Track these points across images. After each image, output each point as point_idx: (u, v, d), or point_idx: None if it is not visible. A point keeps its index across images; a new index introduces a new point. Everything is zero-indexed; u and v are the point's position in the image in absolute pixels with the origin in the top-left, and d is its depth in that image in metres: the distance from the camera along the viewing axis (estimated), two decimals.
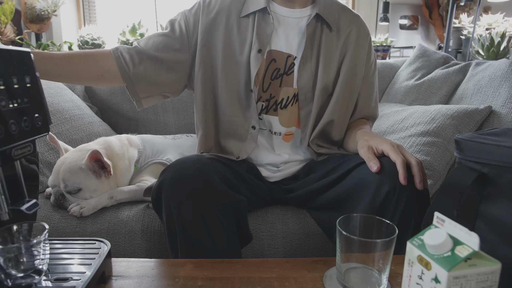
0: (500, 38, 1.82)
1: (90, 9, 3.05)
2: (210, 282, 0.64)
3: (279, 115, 1.00)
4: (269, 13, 0.97)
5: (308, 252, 0.99)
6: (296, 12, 0.99)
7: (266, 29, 0.97)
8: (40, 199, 1.15)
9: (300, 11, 0.99)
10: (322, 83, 0.98)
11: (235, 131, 1.01)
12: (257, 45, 0.95)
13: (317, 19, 0.99)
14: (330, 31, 0.99)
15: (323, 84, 0.98)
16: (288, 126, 1.02)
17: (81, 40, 2.21)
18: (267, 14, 0.97)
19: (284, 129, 1.02)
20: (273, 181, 1.06)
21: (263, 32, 0.97)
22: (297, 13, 0.99)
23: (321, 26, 0.99)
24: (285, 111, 1.00)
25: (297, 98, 0.99)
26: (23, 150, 0.55)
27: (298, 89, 0.98)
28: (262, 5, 0.97)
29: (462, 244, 0.45)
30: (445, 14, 3.71)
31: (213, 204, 0.78)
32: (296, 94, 0.99)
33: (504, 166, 0.58)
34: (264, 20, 0.97)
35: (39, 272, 0.55)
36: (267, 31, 0.97)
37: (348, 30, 1.00)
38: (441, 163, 1.21)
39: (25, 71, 0.55)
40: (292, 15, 0.99)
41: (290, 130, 1.02)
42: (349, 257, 0.60)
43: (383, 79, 1.79)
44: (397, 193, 0.77)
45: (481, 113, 1.28)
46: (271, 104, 1.00)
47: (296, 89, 0.99)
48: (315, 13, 0.97)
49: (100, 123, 1.54)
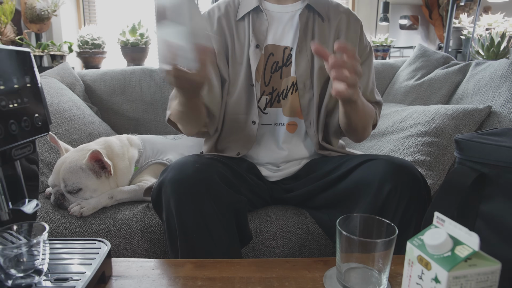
0: (500, 38, 1.82)
1: (90, 9, 3.05)
2: (210, 282, 0.64)
3: (283, 105, 1.03)
4: (262, 11, 1.02)
5: (308, 252, 0.99)
6: (288, 7, 1.03)
7: (261, 26, 1.01)
8: (40, 199, 1.15)
9: (292, 5, 1.03)
10: (319, 68, 1.00)
11: (237, 127, 1.02)
12: (255, 41, 1.00)
13: (309, 10, 1.03)
14: (322, 21, 1.03)
15: (320, 69, 1.00)
16: (290, 116, 1.03)
17: (81, 40, 2.21)
18: (261, 12, 1.02)
19: (287, 118, 1.03)
20: (273, 180, 1.06)
21: (258, 29, 1.01)
22: (289, 8, 1.03)
23: (313, 16, 1.03)
24: (286, 100, 1.02)
25: (297, 87, 1.01)
26: (23, 150, 0.55)
27: (297, 77, 1.01)
28: (254, 5, 1.01)
29: (462, 244, 0.45)
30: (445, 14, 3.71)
31: (213, 204, 0.78)
32: (295, 83, 1.01)
33: (504, 166, 0.58)
34: (258, 18, 1.02)
35: (39, 272, 0.55)
36: (262, 28, 1.01)
37: (338, 18, 1.03)
38: (441, 163, 1.21)
39: (25, 71, 0.55)
40: (285, 10, 1.03)
41: (293, 120, 1.03)
42: (349, 257, 0.60)
43: (383, 79, 1.79)
44: (399, 192, 0.77)
45: (480, 113, 1.28)
46: (274, 97, 1.02)
47: (294, 77, 1.01)
48: (306, 3, 1.02)
49: (100, 123, 1.54)
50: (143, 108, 1.67)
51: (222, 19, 1.03)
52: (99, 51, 2.23)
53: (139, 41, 2.21)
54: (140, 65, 1.95)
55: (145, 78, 1.70)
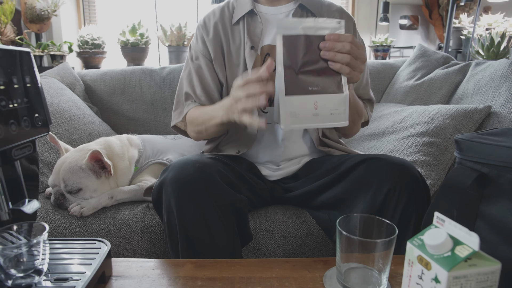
0: (500, 38, 1.82)
1: (90, 9, 3.05)
2: (210, 282, 0.64)
3: None
4: (256, 14, 1.03)
5: (308, 252, 0.99)
6: (281, 8, 1.05)
7: (256, 28, 1.03)
8: (40, 199, 1.15)
9: (285, 6, 1.05)
10: None
11: (238, 127, 1.02)
12: (250, 43, 1.01)
13: (302, 9, 1.04)
14: None
15: None
16: None
17: (81, 40, 2.21)
18: (255, 15, 1.04)
19: None
20: (273, 180, 1.06)
21: (253, 32, 1.03)
22: (282, 9, 1.05)
23: (306, 15, 1.04)
24: None
25: None
26: (23, 150, 0.55)
27: None
28: (249, 8, 1.03)
29: (462, 244, 0.45)
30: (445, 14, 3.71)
31: (213, 204, 0.78)
32: None
33: (504, 166, 0.58)
34: (253, 21, 1.04)
35: (39, 272, 0.55)
36: (257, 31, 1.03)
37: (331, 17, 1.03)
38: (441, 163, 1.21)
39: (25, 71, 0.55)
40: (278, 12, 1.04)
41: None
42: (349, 257, 0.60)
43: (383, 79, 1.79)
44: (398, 191, 0.77)
45: (480, 113, 1.28)
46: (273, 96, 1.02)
47: None
48: (299, 3, 1.03)
49: (100, 123, 1.54)
50: (143, 108, 1.67)
51: (218, 24, 1.05)
52: (99, 51, 2.23)
53: (139, 41, 2.21)
54: (140, 65, 1.95)
55: (145, 78, 1.70)
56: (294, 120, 0.73)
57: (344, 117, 0.74)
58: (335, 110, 0.74)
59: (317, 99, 0.72)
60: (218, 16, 1.06)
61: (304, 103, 0.72)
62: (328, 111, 0.73)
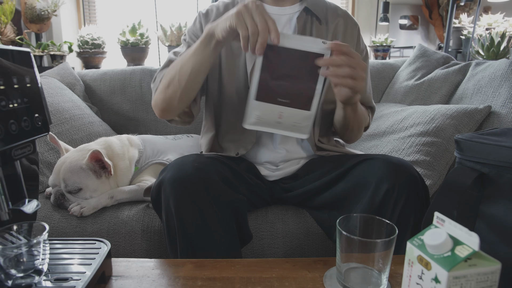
0: (500, 38, 1.82)
1: (90, 9, 3.05)
2: (210, 282, 0.64)
3: None
4: None
5: (308, 252, 0.99)
6: (286, 9, 1.03)
7: None
8: (40, 199, 1.15)
9: (290, 8, 1.03)
10: None
11: (236, 128, 1.01)
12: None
13: (307, 12, 1.03)
14: (320, 24, 1.03)
15: None
16: None
17: (81, 40, 2.21)
18: None
19: None
20: (273, 180, 1.06)
21: None
22: (287, 10, 1.03)
23: (311, 18, 1.03)
24: None
25: None
26: (23, 150, 0.55)
27: None
28: None
29: (462, 244, 0.45)
30: (445, 14, 3.71)
31: (212, 204, 0.78)
32: None
33: (504, 166, 0.58)
34: None
35: (39, 272, 0.55)
36: None
37: (336, 22, 1.04)
38: (441, 163, 1.21)
39: (25, 71, 0.55)
40: (283, 13, 1.03)
41: None
42: (349, 257, 0.60)
43: (383, 79, 1.79)
44: (396, 191, 0.77)
45: (480, 113, 1.28)
46: None
47: None
48: (304, 6, 1.02)
49: (100, 123, 1.54)
50: (143, 108, 1.67)
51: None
52: (99, 51, 2.23)
53: (139, 41, 2.21)
54: (140, 65, 1.95)
55: (145, 78, 1.70)
56: (256, 122, 0.79)
57: (305, 131, 0.81)
58: (298, 124, 0.80)
59: (283, 110, 0.78)
60: (222, 11, 1.04)
61: (270, 111, 0.78)
62: (291, 123, 0.80)
